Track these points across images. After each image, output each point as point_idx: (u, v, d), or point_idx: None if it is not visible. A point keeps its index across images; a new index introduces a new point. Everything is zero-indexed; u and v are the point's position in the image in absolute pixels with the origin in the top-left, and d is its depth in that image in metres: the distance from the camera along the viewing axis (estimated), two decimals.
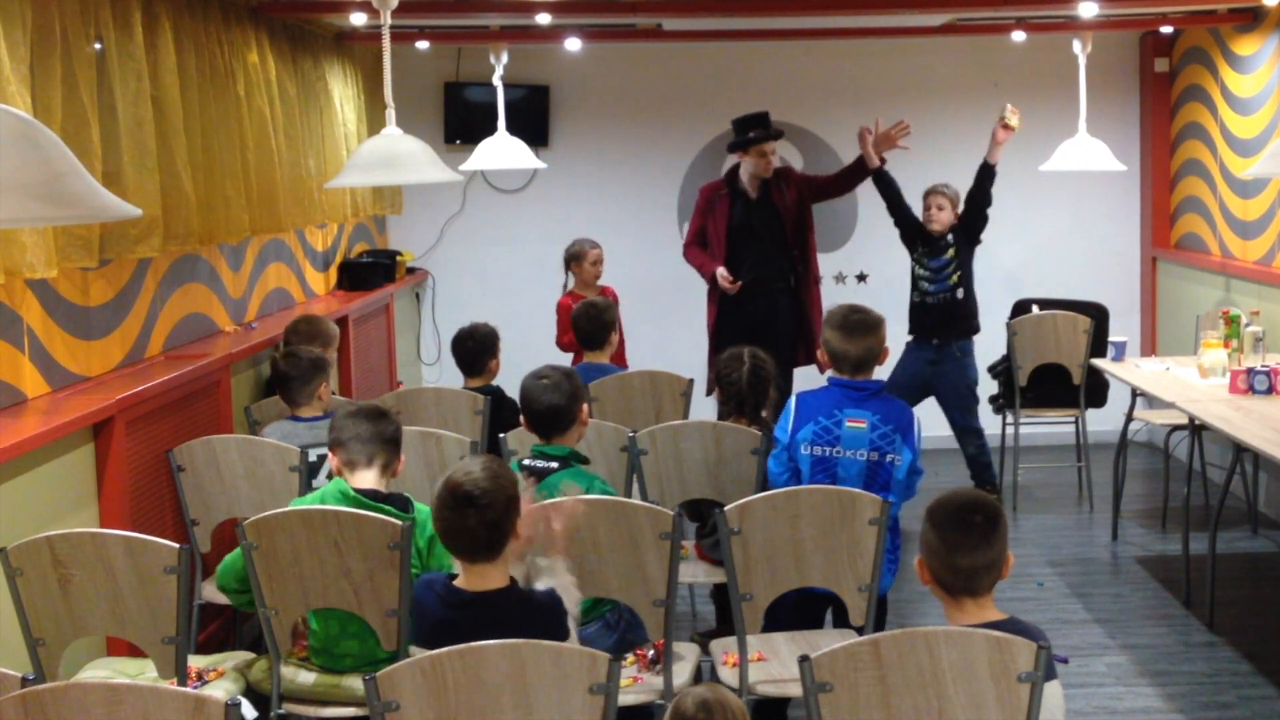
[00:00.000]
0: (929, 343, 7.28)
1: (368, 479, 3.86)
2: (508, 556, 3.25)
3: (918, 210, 7.32)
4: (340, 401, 5.28)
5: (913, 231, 7.30)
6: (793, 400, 4.59)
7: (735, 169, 7.26)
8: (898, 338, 7.68)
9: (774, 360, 5.13)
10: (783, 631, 4.26)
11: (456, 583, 3.23)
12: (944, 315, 7.24)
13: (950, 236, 7.22)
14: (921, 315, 7.29)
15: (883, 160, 7.16)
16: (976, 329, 7.35)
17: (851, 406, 4.46)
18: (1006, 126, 7.08)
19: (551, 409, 4.23)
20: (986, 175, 7.18)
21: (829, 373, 4.65)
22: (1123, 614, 5.97)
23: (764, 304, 7.22)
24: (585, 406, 4.36)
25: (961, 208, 7.28)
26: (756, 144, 7.06)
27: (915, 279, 7.32)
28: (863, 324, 4.55)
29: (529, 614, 3.17)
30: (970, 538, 2.96)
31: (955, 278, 7.22)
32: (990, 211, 7.27)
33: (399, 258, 8.26)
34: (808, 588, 4.18)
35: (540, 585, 3.33)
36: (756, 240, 7.20)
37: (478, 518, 3.13)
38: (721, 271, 7.13)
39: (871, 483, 4.35)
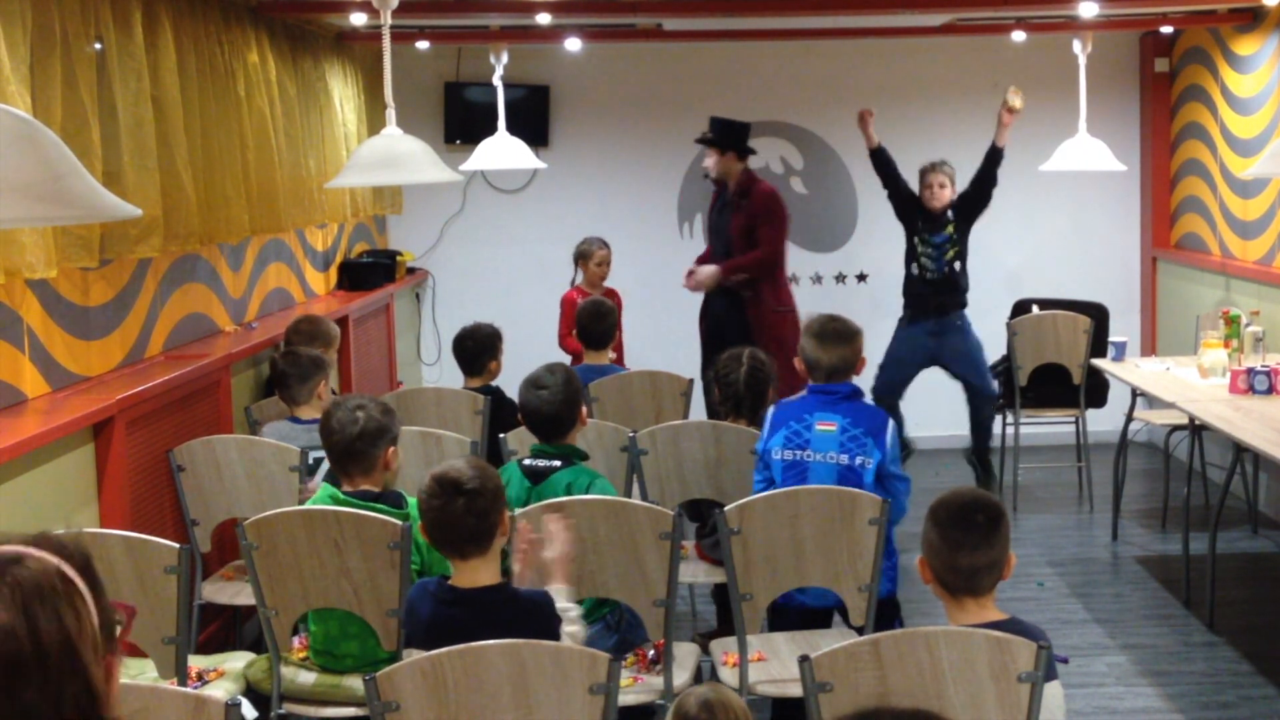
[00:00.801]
0: (928, 319, 7.39)
1: (358, 482, 3.88)
2: (497, 553, 3.26)
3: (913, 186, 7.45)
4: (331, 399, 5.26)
5: (910, 206, 7.40)
6: (771, 410, 4.59)
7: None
8: (882, 329, 7.71)
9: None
10: (783, 632, 4.27)
11: (450, 581, 3.25)
12: (941, 289, 7.34)
13: (950, 213, 7.31)
14: (920, 289, 7.38)
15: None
16: (965, 299, 7.44)
17: (821, 410, 4.43)
18: (1011, 110, 7.17)
19: (553, 419, 4.24)
20: (994, 157, 7.30)
21: None
22: (1123, 614, 5.97)
23: (720, 305, 7.36)
24: (584, 407, 4.36)
25: (967, 187, 7.37)
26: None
27: (915, 255, 7.39)
28: (838, 333, 4.51)
29: (520, 612, 3.17)
30: (971, 537, 2.95)
31: (952, 253, 7.31)
32: (993, 198, 7.38)
33: (399, 258, 8.26)
34: (807, 601, 4.20)
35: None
36: (717, 241, 7.46)
37: (466, 503, 3.16)
38: (688, 268, 7.44)
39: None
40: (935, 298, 7.36)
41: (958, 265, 7.35)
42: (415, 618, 3.30)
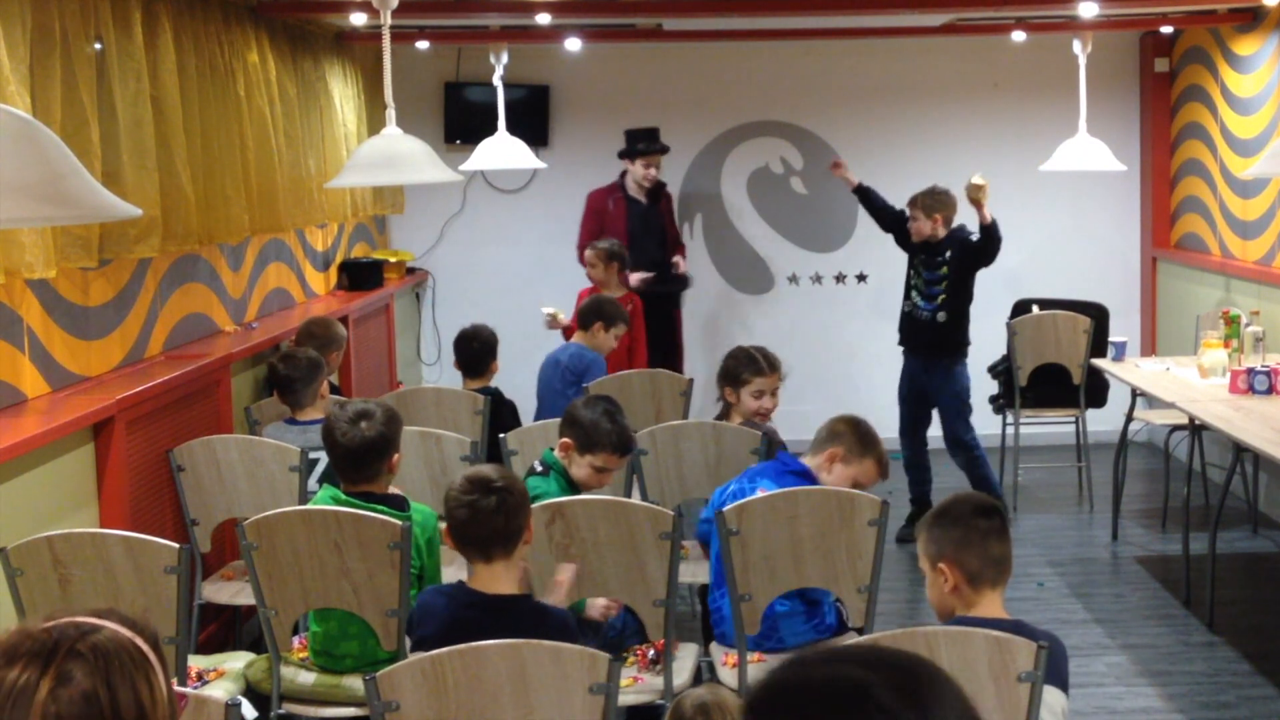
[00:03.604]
0: (917, 355, 7.12)
1: (361, 486, 3.88)
2: (518, 561, 3.27)
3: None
4: (334, 401, 5.25)
5: (904, 232, 7.09)
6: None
7: (624, 175, 7.85)
8: (882, 329, 7.71)
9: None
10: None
11: (468, 584, 3.25)
12: (929, 335, 7.02)
13: (948, 253, 6.95)
14: (909, 327, 7.09)
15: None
16: (960, 348, 7.06)
17: (766, 477, 4.18)
18: (977, 192, 6.79)
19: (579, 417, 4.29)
20: (988, 233, 6.84)
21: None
22: (1123, 614, 5.97)
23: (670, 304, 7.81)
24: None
25: (972, 243, 6.98)
26: (643, 155, 7.63)
27: (909, 286, 7.08)
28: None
29: (543, 627, 3.14)
30: (995, 527, 3.03)
31: (941, 299, 6.95)
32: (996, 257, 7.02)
33: (395, 258, 8.26)
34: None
35: None
36: (647, 243, 7.78)
37: (497, 501, 3.21)
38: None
39: None
40: (922, 343, 7.05)
41: (942, 316, 6.93)
42: (432, 619, 3.27)
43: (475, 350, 5.91)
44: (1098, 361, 7.08)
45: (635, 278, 7.42)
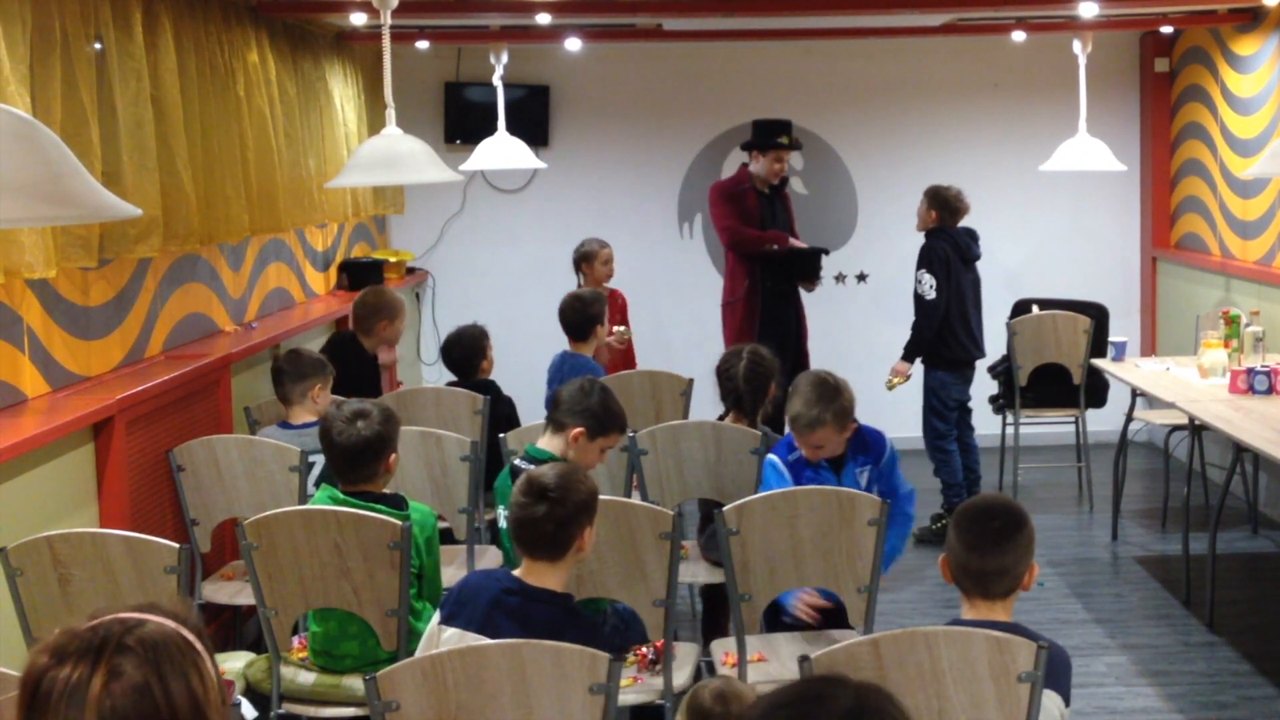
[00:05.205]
0: None
1: (359, 485, 3.88)
2: (569, 565, 3.29)
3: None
4: (331, 401, 5.23)
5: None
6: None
7: (745, 167, 7.36)
8: (882, 329, 7.72)
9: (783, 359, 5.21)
10: (783, 632, 4.27)
11: (516, 573, 3.30)
12: None
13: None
14: None
15: None
16: (929, 354, 7.15)
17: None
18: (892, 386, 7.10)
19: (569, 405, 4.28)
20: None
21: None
22: (1123, 614, 5.97)
23: (793, 300, 7.38)
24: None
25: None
26: (777, 149, 7.15)
27: None
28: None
29: (572, 627, 3.15)
30: (983, 541, 2.97)
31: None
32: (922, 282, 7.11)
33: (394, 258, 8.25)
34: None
35: None
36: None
37: (546, 510, 3.22)
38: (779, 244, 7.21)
39: None
40: None
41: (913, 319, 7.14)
42: (474, 595, 3.28)
43: (460, 355, 5.92)
44: (1098, 361, 7.08)
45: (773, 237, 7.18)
